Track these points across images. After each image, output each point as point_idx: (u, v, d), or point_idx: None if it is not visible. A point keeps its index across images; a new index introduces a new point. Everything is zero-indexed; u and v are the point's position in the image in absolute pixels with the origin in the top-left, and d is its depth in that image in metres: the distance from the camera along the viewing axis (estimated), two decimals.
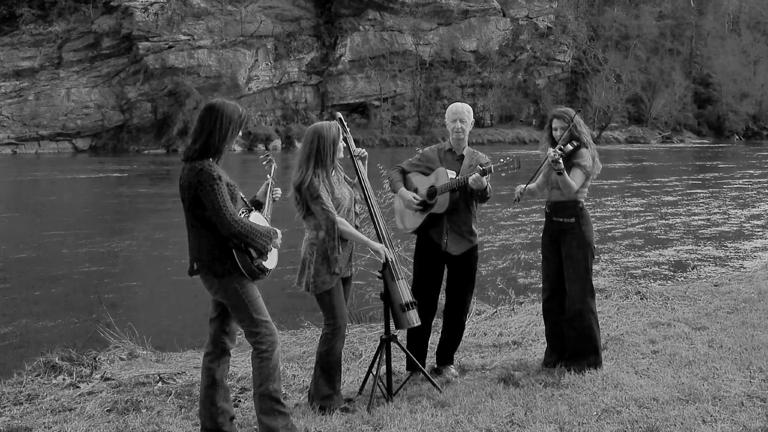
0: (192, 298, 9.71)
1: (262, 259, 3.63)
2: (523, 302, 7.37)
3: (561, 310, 4.87)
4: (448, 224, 4.73)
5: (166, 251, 13.71)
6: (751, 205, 20.64)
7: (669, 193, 24.05)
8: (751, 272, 9.81)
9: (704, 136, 70.16)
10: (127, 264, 12.80)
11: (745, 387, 4.36)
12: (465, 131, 4.81)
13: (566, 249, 4.80)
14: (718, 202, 21.65)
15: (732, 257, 12.92)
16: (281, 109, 57.17)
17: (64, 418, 4.14)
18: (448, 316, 4.94)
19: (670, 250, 13.74)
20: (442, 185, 4.68)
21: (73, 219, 18.45)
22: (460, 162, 4.83)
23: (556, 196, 4.82)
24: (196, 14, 53.71)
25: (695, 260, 12.68)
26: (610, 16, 72.14)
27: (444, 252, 4.74)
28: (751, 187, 25.86)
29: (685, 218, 18.12)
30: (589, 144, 4.83)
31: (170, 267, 12.18)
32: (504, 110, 64.06)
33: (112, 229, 16.73)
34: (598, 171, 4.84)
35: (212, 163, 3.56)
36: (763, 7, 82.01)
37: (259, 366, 3.69)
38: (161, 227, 16.61)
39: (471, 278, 4.86)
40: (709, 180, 29.12)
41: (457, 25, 62.48)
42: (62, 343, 5.67)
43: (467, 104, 4.96)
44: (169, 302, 9.91)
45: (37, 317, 9.17)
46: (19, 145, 49.44)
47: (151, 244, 14.63)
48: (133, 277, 11.80)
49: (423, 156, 4.96)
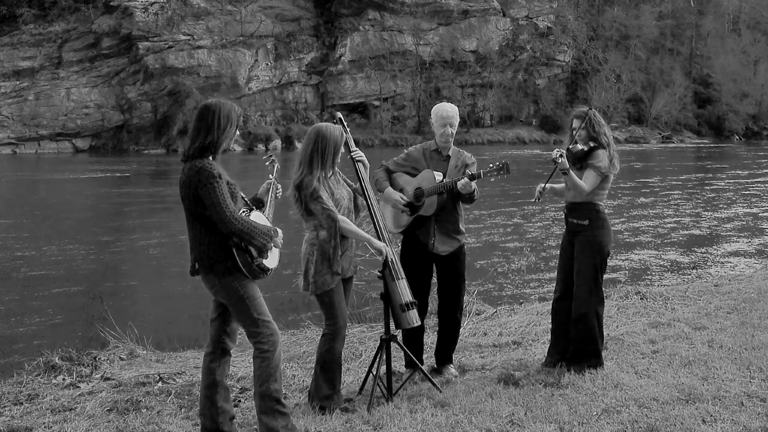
0: (192, 298, 9.71)
1: (262, 258, 3.63)
2: (523, 302, 7.39)
3: (569, 311, 4.85)
4: (435, 225, 4.74)
5: (166, 251, 13.71)
6: (751, 205, 20.64)
7: (669, 193, 24.04)
8: (751, 272, 9.81)
9: (704, 136, 70.15)
10: (127, 264, 12.80)
11: (745, 387, 4.36)
12: (453, 134, 4.82)
13: (577, 250, 4.77)
14: (719, 202, 21.65)
15: (732, 257, 12.92)
16: (281, 109, 57.17)
17: (64, 418, 4.14)
18: (443, 316, 4.94)
19: (670, 250, 13.74)
20: (429, 188, 4.68)
21: (73, 219, 18.45)
22: (447, 162, 4.84)
23: (571, 197, 4.78)
24: (196, 14, 53.69)
25: (695, 260, 12.68)
26: (610, 16, 72.13)
27: (431, 252, 4.75)
28: (751, 187, 25.86)
29: (685, 218, 18.12)
30: (609, 144, 4.75)
31: (170, 267, 12.18)
32: (504, 110, 64.07)
33: (112, 229, 16.73)
34: (615, 172, 4.76)
35: (212, 162, 3.57)
36: (763, 7, 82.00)
37: (260, 366, 3.69)
38: (161, 227, 16.61)
39: (461, 276, 4.88)
40: (709, 180, 29.12)
41: (457, 25, 62.47)
42: (62, 343, 5.66)
43: (455, 106, 4.94)
44: (169, 302, 9.90)
45: (37, 317, 9.17)
46: (19, 145, 49.41)
47: (151, 244, 14.64)
48: (134, 276, 11.81)
49: (408, 156, 4.93)
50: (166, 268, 12.13)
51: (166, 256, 13.18)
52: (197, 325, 8.13)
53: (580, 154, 4.69)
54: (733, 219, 17.88)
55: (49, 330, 8.47)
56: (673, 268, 11.96)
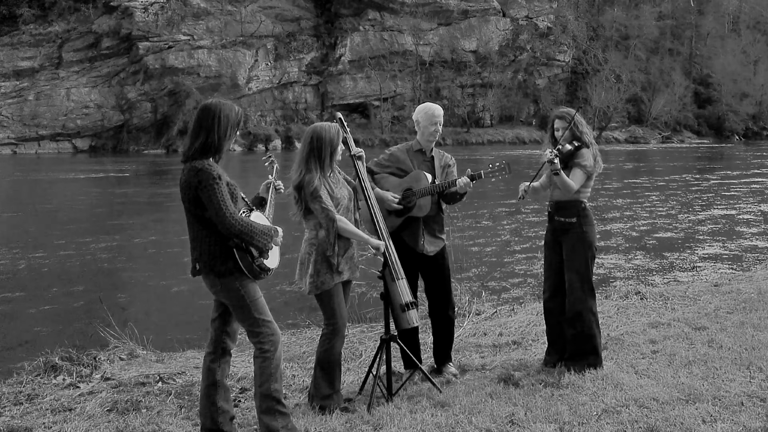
0: (192, 298, 9.72)
1: (263, 258, 3.63)
2: (523, 302, 7.39)
3: (562, 309, 4.88)
4: (423, 226, 4.75)
5: (166, 251, 13.71)
6: (751, 205, 20.64)
7: (669, 193, 24.05)
8: (751, 272, 9.81)
9: (704, 136, 70.18)
10: (127, 264, 12.80)
11: (745, 387, 4.36)
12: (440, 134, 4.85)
13: (567, 248, 4.81)
14: (718, 201, 21.66)
15: (732, 257, 12.93)
16: (281, 109, 57.19)
17: (64, 418, 4.14)
18: (435, 316, 4.94)
19: (670, 250, 13.74)
20: (421, 189, 4.67)
21: (73, 219, 18.45)
22: (431, 163, 4.85)
23: (558, 196, 4.83)
24: (196, 14, 53.71)
25: (695, 260, 12.69)
26: (610, 16, 72.18)
27: (418, 253, 4.75)
28: (752, 187, 25.87)
29: (685, 218, 18.12)
30: (591, 143, 4.84)
31: (170, 267, 12.18)
32: (504, 110, 64.11)
33: (112, 229, 16.72)
34: (599, 170, 4.85)
35: (212, 163, 3.57)
36: (763, 7, 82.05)
37: (261, 366, 3.69)
38: (161, 227, 16.61)
39: (447, 275, 4.90)
40: (709, 180, 29.13)
41: (457, 25, 62.51)
42: (62, 343, 5.67)
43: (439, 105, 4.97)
44: (169, 302, 9.90)
45: (37, 317, 9.16)
46: (19, 145, 49.44)
47: (151, 244, 14.64)
48: (134, 277, 11.80)
49: (392, 156, 4.90)
50: (167, 269, 12.12)
51: (166, 257, 13.19)
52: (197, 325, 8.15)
53: (569, 154, 4.73)
54: (733, 219, 17.88)
55: (49, 330, 8.47)
56: (673, 268, 11.96)
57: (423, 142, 4.84)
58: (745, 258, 12.78)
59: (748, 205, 20.63)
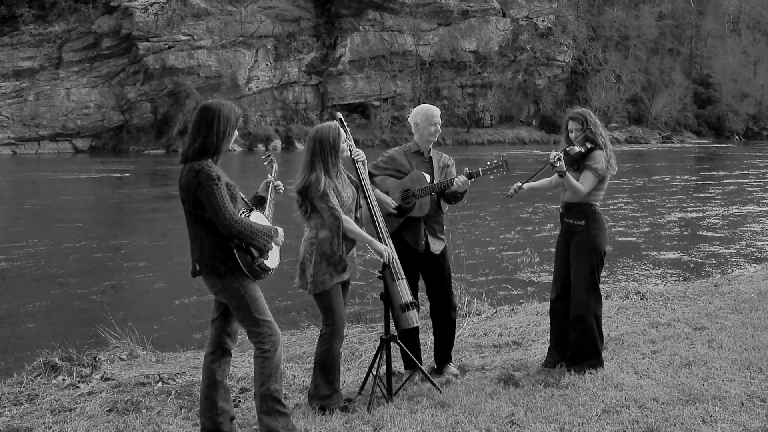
0: (192, 298, 9.72)
1: (263, 258, 3.63)
2: (523, 302, 7.38)
3: (567, 312, 4.85)
4: (424, 226, 4.75)
5: (166, 251, 13.71)
6: (751, 205, 20.64)
7: (669, 193, 24.06)
8: (751, 272, 9.81)
9: (704, 136, 70.17)
10: (127, 264, 12.79)
11: (745, 387, 4.36)
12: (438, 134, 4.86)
13: (574, 251, 4.77)
14: (718, 202, 21.66)
15: (732, 257, 12.93)
16: (281, 110, 57.20)
17: (64, 418, 4.14)
18: (437, 316, 4.94)
19: (670, 250, 13.74)
20: (420, 189, 4.68)
21: (73, 219, 18.45)
22: (429, 164, 4.85)
23: (568, 197, 4.79)
24: (196, 14, 53.72)
25: (695, 260, 12.69)
26: (610, 16, 72.18)
27: (418, 253, 4.75)
28: (752, 188, 25.87)
29: (685, 218, 18.12)
30: (605, 145, 4.77)
31: (170, 267, 12.19)
32: (504, 110, 64.12)
33: (112, 230, 16.73)
34: (612, 173, 4.79)
35: (211, 164, 3.56)
36: (763, 7, 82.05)
37: (261, 366, 3.69)
38: (161, 227, 16.61)
39: (448, 275, 4.90)
40: (709, 180, 29.13)
41: (457, 26, 62.53)
42: (62, 343, 5.67)
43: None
44: (169, 302, 9.90)
45: (37, 317, 9.17)
46: (19, 146, 49.48)
47: (151, 244, 14.64)
48: (134, 277, 11.79)
49: (390, 159, 4.90)
50: (167, 269, 12.13)
51: (166, 257, 13.18)
52: (197, 325, 8.15)
53: (577, 156, 4.70)
54: (733, 219, 17.88)
55: (49, 330, 8.46)
56: (673, 268, 11.96)
57: (421, 143, 4.84)
58: (745, 258, 12.78)
59: (748, 205, 20.63)
